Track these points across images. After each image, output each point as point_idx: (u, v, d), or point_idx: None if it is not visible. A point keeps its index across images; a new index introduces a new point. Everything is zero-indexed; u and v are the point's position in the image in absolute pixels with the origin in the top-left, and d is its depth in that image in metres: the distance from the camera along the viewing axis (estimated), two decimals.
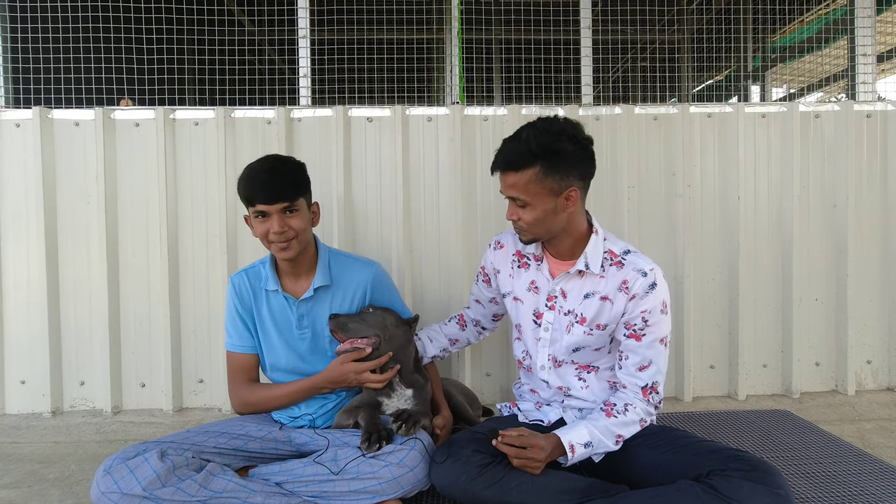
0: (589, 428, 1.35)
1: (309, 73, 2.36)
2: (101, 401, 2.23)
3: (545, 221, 1.37)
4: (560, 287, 1.46)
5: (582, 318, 1.43)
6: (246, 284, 1.60)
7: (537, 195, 1.34)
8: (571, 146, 1.32)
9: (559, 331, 1.48)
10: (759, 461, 1.21)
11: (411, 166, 2.28)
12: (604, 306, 1.41)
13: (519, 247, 1.56)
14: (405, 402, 1.55)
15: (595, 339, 1.44)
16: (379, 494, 1.33)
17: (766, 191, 2.32)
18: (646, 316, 1.37)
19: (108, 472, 1.25)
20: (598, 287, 1.42)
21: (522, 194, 1.34)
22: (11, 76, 2.38)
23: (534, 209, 1.35)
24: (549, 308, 1.48)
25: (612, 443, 1.36)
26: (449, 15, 2.52)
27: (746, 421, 2.02)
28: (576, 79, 2.51)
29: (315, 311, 1.58)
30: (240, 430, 1.49)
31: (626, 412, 1.38)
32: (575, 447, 1.32)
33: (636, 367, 1.40)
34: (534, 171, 1.32)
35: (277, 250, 1.48)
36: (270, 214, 1.44)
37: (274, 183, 1.43)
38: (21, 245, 2.21)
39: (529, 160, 1.31)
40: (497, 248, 1.62)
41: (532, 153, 1.31)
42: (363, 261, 1.67)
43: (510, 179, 1.35)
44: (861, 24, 2.41)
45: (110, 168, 2.21)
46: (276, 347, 1.58)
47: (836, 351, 2.35)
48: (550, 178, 1.32)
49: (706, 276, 2.33)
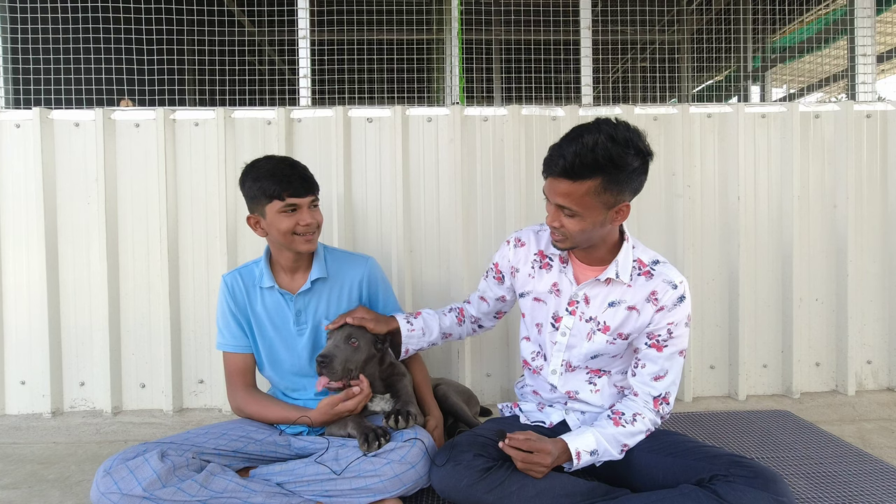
0: (596, 435, 1.34)
1: (309, 74, 2.36)
2: (102, 401, 2.23)
3: (590, 233, 1.30)
4: (584, 293, 1.42)
5: (605, 326, 1.40)
6: (239, 283, 1.60)
7: (590, 207, 1.24)
8: (637, 161, 1.22)
9: (578, 337, 1.44)
10: (762, 468, 1.21)
11: (411, 167, 2.28)
12: (630, 316, 1.38)
13: (542, 246, 1.50)
14: (386, 404, 1.57)
15: (616, 347, 1.41)
16: (381, 492, 1.33)
17: (766, 191, 2.32)
18: (671, 328, 1.35)
19: (108, 472, 1.25)
20: (624, 296, 1.38)
21: (575, 205, 1.24)
22: (11, 77, 2.39)
23: (582, 220, 1.27)
24: (570, 313, 1.44)
25: (617, 452, 1.35)
26: (449, 15, 2.52)
27: (747, 421, 2.02)
28: (576, 79, 2.51)
29: (312, 304, 1.59)
30: (240, 431, 1.49)
31: (633, 422, 1.36)
32: (581, 454, 1.32)
33: (652, 377, 1.38)
34: (593, 184, 1.21)
35: (303, 243, 1.50)
36: (301, 207, 1.48)
37: (303, 177, 1.49)
38: (21, 245, 2.21)
39: (592, 171, 1.20)
40: (518, 245, 1.54)
41: (597, 164, 1.19)
42: (358, 256, 1.70)
43: (563, 188, 1.24)
44: (861, 25, 2.41)
45: (110, 169, 2.21)
46: (274, 344, 1.58)
47: (837, 351, 2.35)
48: (608, 193, 1.23)
49: (706, 276, 2.33)
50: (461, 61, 2.48)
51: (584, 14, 2.42)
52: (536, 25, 2.74)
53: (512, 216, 2.24)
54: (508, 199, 2.26)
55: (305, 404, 1.59)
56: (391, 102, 2.41)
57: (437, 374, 2.20)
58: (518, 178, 2.24)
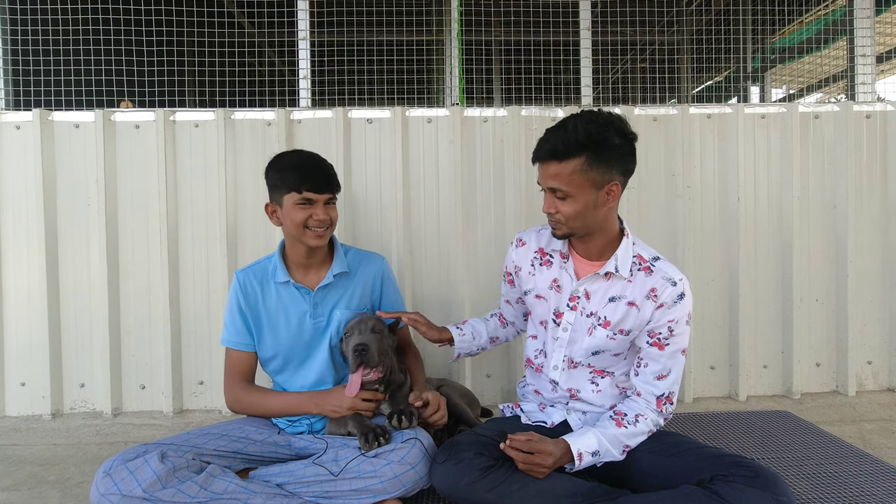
0: (598, 436, 1.34)
1: (309, 75, 2.36)
2: (102, 403, 2.23)
3: (584, 215, 1.34)
4: (584, 288, 1.43)
5: (606, 321, 1.41)
6: (251, 280, 1.61)
7: (580, 187, 1.30)
8: (618, 139, 1.29)
9: (579, 332, 1.45)
10: (763, 468, 1.20)
11: (411, 168, 2.28)
12: (630, 312, 1.39)
13: (542, 244, 1.53)
14: (386, 406, 1.57)
15: (616, 343, 1.42)
16: (381, 493, 1.33)
17: (765, 191, 2.32)
18: (672, 326, 1.36)
19: (108, 473, 1.25)
20: (625, 291, 1.39)
21: (565, 185, 1.31)
22: (11, 78, 2.39)
23: (575, 202, 1.32)
24: (571, 308, 1.45)
25: (619, 452, 1.35)
26: (448, 16, 2.53)
27: (747, 422, 2.02)
28: (575, 80, 2.51)
29: (330, 299, 1.61)
30: (240, 432, 1.49)
31: (636, 423, 1.36)
32: (583, 455, 1.32)
33: (654, 376, 1.38)
34: (578, 162, 1.29)
35: (313, 237, 1.53)
36: (316, 203, 1.51)
37: (325, 175, 1.53)
38: (21, 247, 2.21)
39: (575, 149, 1.28)
40: (518, 245, 1.59)
41: (579, 142, 1.27)
42: (372, 254, 1.75)
43: (553, 169, 1.31)
44: (860, 25, 2.41)
45: (110, 170, 2.21)
46: (282, 339, 1.58)
47: (837, 351, 2.35)
48: (595, 170, 1.29)
49: (706, 276, 2.33)
50: (461, 62, 2.48)
51: (584, 15, 2.43)
52: (536, 27, 2.74)
53: (512, 217, 2.24)
54: (508, 200, 2.26)
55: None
56: (391, 103, 2.41)
57: (439, 376, 2.19)
58: (518, 179, 2.24)
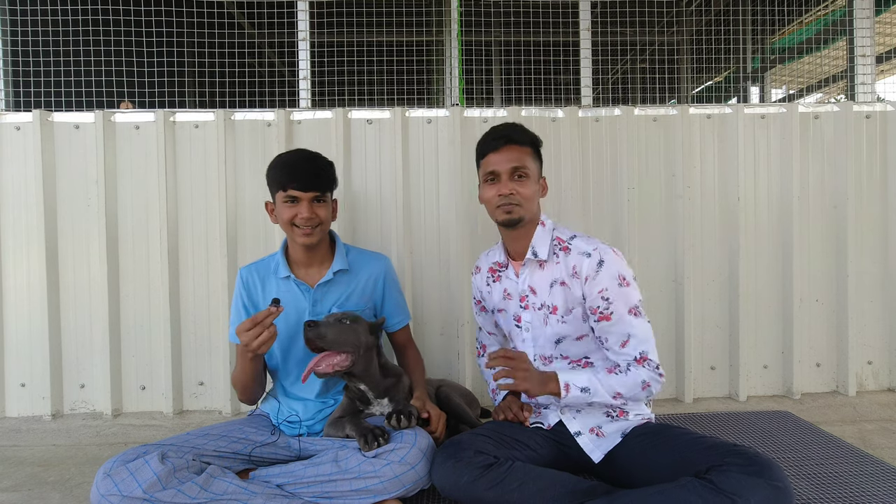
0: (589, 376, 1.39)
1: (309, 76, 2.36)
2: (102, 404, 2.23)
3: (533, 200, 1.47)
4: (528, 285, 1.52)
5: (553, 307, 1.48)
6: (254, 276, 1.65)
7: (532, 171, 1.46)
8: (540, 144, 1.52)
9: (538, 327, 1.52)
10: (756, 455, 1.21)
11: (411, 168, 2.28)
12: (565, 292, 1.46)
13: (490, 263, 1.63)
14: (385, 408, 1.58)
15: (570, 326, 1.46)
16: (381, 493, 1.33)
17: (765, 192, 2.32)
18: (605, 294, 1.39)
19: (108, 474, 1.25)
20: (557, 274, 1.47)
21: (526, 164, 1.44)
22: (12, 79, 2.39)
23: (529, 183, 1.45)
24: (524, 308, 1.54)
25: (610, 397, 1.38)
26: (448, 17, 2.53)
27: (747, 422, 2.02)
28: (575, 80, 2.51)
29: (330, 296, 1.63)
30: (240, 433, 1.49)
31: (627, 372, 1.39)
32: (570, 387, 1.36)
33: (618, 345, 1.42)
34: (530, 149, 1.48)
35: (301, 235, 1.54)
36: (301, 200, 1.53)
37: (310, 173, 1.55)
38: (21, 247, 2.22)
39: (526, 139, 1.47)
40: (476, 272, 1.71)
41: (527, 135, 1.48)
42: (376, 254, 1.77)
43: (514, 153, 1.44)
44: (860, 26, 2.42)
45: (110, 171, 2.22)
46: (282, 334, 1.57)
47: (837, 352, 2.35)
48: (536, 162, 1.49)
49: (706, 277, 2.33)
50: (461, 63, 2.48)
51: (584, 15, 2.43)
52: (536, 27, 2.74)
53: None
54: None
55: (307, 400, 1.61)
56: (391, 104, 2.41)
57: (439, 376, 2.19)
58: None
